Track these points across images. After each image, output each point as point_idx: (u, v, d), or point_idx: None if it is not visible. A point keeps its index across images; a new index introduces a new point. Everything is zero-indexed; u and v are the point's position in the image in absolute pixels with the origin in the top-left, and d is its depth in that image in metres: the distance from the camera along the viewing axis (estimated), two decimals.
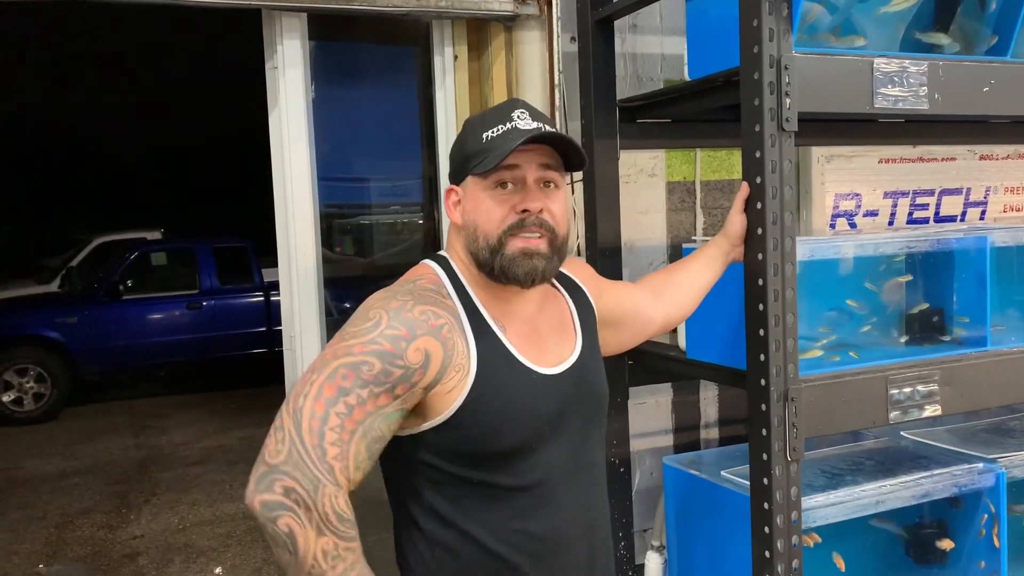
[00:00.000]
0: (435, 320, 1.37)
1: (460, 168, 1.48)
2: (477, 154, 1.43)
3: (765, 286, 1.65)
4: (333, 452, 1.26)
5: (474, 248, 1.45)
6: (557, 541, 1.44)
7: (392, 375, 1.31)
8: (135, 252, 8.72)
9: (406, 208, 3.51)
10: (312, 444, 1.25)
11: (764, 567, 1.70)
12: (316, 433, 1.25)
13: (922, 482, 2.06)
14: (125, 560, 4.73)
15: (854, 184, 2.49)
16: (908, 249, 2.12)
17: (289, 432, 1.25)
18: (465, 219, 1.47)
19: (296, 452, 1.24)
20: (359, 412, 1.28)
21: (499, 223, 1.42)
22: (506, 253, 1.41)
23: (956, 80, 1.84)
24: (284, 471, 1.23)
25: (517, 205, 1.42)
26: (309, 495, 1.22)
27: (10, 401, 7.85)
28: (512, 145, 1.38)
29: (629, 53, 2.88)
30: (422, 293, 1.41)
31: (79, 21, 9.44)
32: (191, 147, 14.64)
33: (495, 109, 1.50)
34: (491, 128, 1.43)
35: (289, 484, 1.22)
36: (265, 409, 7.53)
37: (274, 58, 2.72)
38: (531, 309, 1.52)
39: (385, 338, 1.32)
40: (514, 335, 1.46)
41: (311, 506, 1.22)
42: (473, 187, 1.45)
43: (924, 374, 1.86)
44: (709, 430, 3.13)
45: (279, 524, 1.21)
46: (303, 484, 1.22)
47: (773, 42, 1.61)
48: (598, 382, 1.57)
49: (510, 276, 1.42)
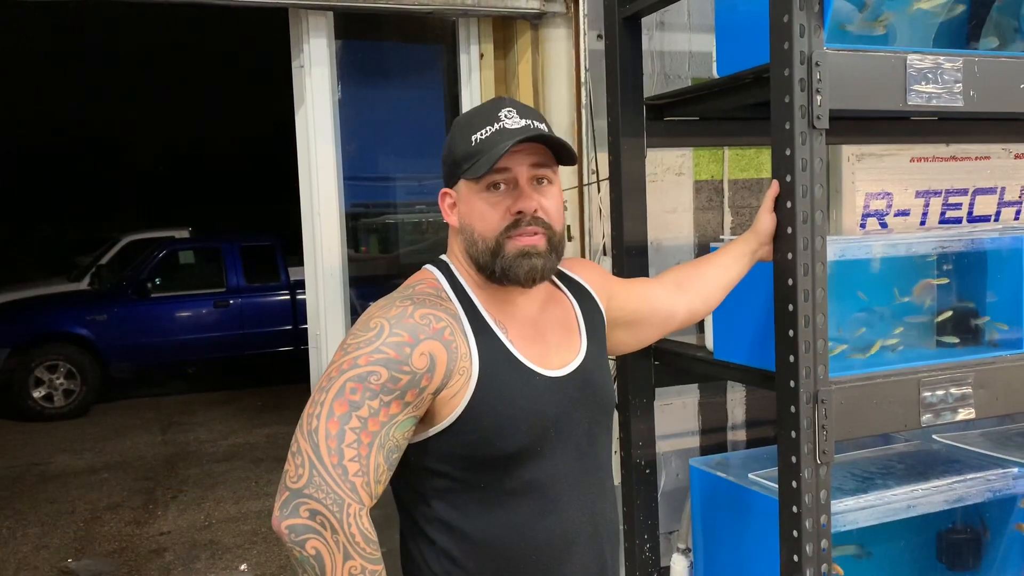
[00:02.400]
0: (436, 323, 1.36)
1: (451, 171, 1.47)
2: (467, 158, 1.42)
3: (795, 286, 1.63)
4: (354, 468, 1.26)
5: (473, 252, 1.44)
6: (564, 546, 1.43)
7: (400, 382, 1.30)
8: (163, 250, 8.81)
9: (431, 207, 3.51)
10: (332, 464, 1.24)
11: (793, 571, 1.67)
12: (335, 452, 1.25)
13: (955, 486, 2.02)
14: (152, 556, 4.78)
15: (885, 183, 2.45)
16: (941, 249, 2.08)
17: (308, 455, 1.25)
18: (462, 223, 1.46)
19: (317, 474, 1.24)
20: (373, 424, 1.28)
21: (496, 226, 1.41)
22: (506, 255, 1.41)
23: (992, 77, 1.80)
24: (307, 494, 1.23)
25: (511, 206, 1.41)
26: (335, 516, 1.22)
27: (41, 397, 7.96)
28: (501, 149, 1.37)
29: (656, 50, 2.86)
30: (421, 297, 1.40)
31: (111, 21, 9.56)
32: (219, 146, 14.77)
33: (481, 109, 1.48)
34: (479, 130, 1.41)
35: (314, 507, 1.22)
36: (291, 407, 7.59)
37: (300, 57, 2.73)
38: (533, 309, 1.50)
39: (389, 346, 1.31)
40: (516, 336, 1.44)
41: (337, 527, 1.22)
42: (466, 190, 1.44)
43: (957, 376, 1.82)
44: (736, 432, 3.10)
45: (307, 548, 1.21)
46: (328, 505, 1.22)
47: (804, 38, 1.59)
48: (604, 386, 1.55)
49: (511, 277, 1.42)
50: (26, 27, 9.66)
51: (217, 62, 11.77)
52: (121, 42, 10.92)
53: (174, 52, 11.59)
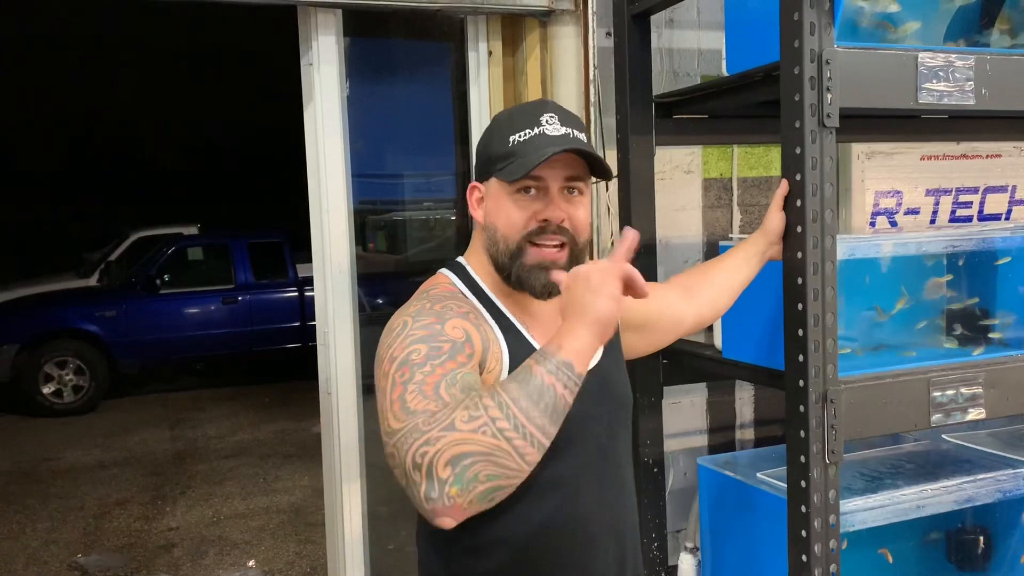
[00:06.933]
0: (459, 308, 1.37)
1: (484, 167, 1.46)
2: (502, 157, 1.41)
3: (804, 285, 1.62)
4: (443, 392, 1.22)
5: (494, 250, 1.44)
6: (586, 541, 1.43)
7: (442, 349, 1.28)
8: (172, 247, 8.83)
9: (439, 204, 3.51)
10: (424, 407, 1.21)
11: (801, 571, 1.67)
12: (422, 399, 1.21)
13: (965, 486, 2.01)
14: (160, 551, 4.79)
15: (895, 181, 2.43)
16: (951, 248, 2.07)
17: (402, 429, 1.20)
18: (487, 220, 1.45)
19: (415, 424, 1.19)
20: (440, 370, 1.25)
21: (520, 228, 1.41)
22: (524, 262, 1.40)
23: (1005, 75, 1.79)
24: (421, 452, 1.16)
25: (539, 212, 1.41)
26: (446, 411, 1.18)
27: (50, 393, 7.99)
28: (538, 158, 1.36)
29: (665, 48, 2.85)
30: (437, 298, 1.40)
31: (119, 20, 9.59)
32: (228, 143, 14.80)
33: (524, 109, 1.47)
34: (519, 131, 1.41)
35: (434, 451, 1.15)
36: (298, 403, 7.63)
37: (309, 54, 2.73)
38: (550, 308, 1.48)
39: (418, 329, 1.31)
40: (538, 333, 1.44)
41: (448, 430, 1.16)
42: (497, 188, 1.43)
43: (968, 376, 1.81)
44: (745, 431, 3.09)
45: (480, 479, 1.15)
46: (438, 433, 1.16)
47: (814, 36, 1.58)
48: (621, 384, 1.55)
49: (525, 286, 1.41)
50: (37, 20, 9.69)
51: (228, 60, 11.79)
52: (132, 39, 10.94)
53: (184, 49, 11.61)
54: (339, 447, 2.85)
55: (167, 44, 11.20)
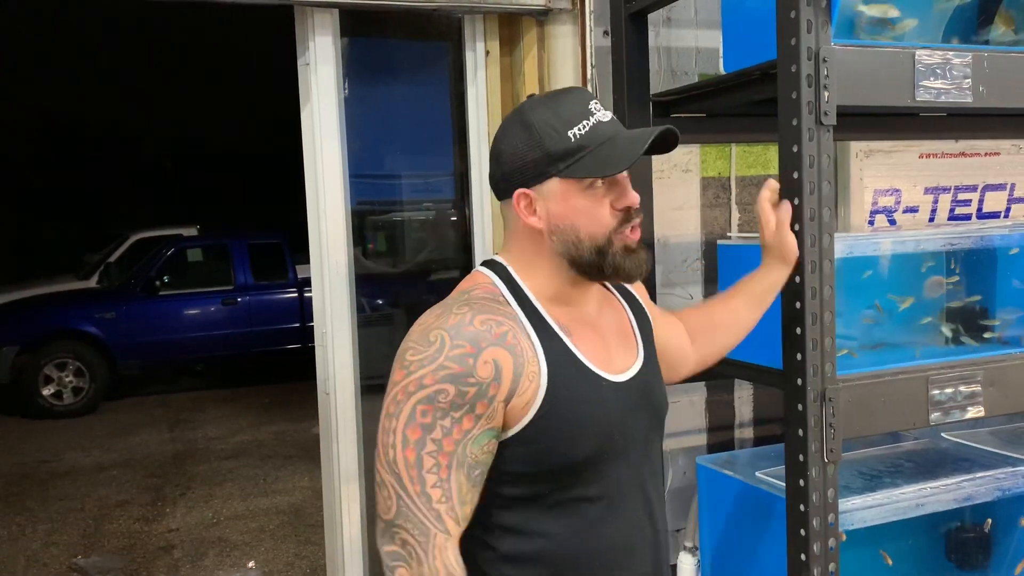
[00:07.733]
0: (497, 328, 1.31)
1: (539, 169, 1.37)
2: (569, 153, 1.35)
3: (802, 283, 1.62)
4: (437, 495, 1.26)
5: (576, 251, 1.38)
6: (625, 551, 1.41)
7: (467, 395, 1.27)
8: (171, 248, 8.83)
9: (437, 205, 3.51)
10: (416, 492, 1.25)
11: (800, 570, 1.66)
12: (417, 480, 1.25)
13: (964, 485, 2.01)
14: (160, 553, 4.79)
15: (893, 180, 2.44)
16: (950, 246, 2.07)
17: (392, 487, 1.27)
18: (555, 222, 1.38)
19: (404, 504, 1.26)
20: (448, 444, 1.26)
21: (608, 224, 1.38)
22: (615, 253, 1.38)
23: (1002, 72, 1.78)
24: (398, 524, 1.26)
25: (615, 202, 1.38)
26: (421, 547, 1.25)
27: (50, 395, 8.00)
28: (631, 152, 1.34)
29: (663, 47, 2.85)
30: (479, 303, 1.35)
31: (119, 21, 9.59)
32: (227, 145, 14.80)
33: (562, 100, 1.40)
34: (575, 125, 1.36)
35: (404, 536, 1.26)
36: (298, 404, 7.63)
37: (306, 54, 2.72)
38: (592, 312, 1.46)
39: (451, 360, 1.27)
40: (581, 341, 1.40)
41: (423, 559, 1.25)
42: (563, 189, 1.37)
43: (967, 374, 1.81)
44: (743, 430, 3.09)
45: (396, 574, 1.27)
46: (415, 535, 1.26)
47: (811, 34, 1.58)
48: (659, 390, 1.51)
49: (621, 274, 1.39)
50: (36, 21, 9.69)
51: (227, 60, 11.79)
52: (131, 40, 10.95)
53: (184, 50, 11.61)
54: (338, 448, 2.85)
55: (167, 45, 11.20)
